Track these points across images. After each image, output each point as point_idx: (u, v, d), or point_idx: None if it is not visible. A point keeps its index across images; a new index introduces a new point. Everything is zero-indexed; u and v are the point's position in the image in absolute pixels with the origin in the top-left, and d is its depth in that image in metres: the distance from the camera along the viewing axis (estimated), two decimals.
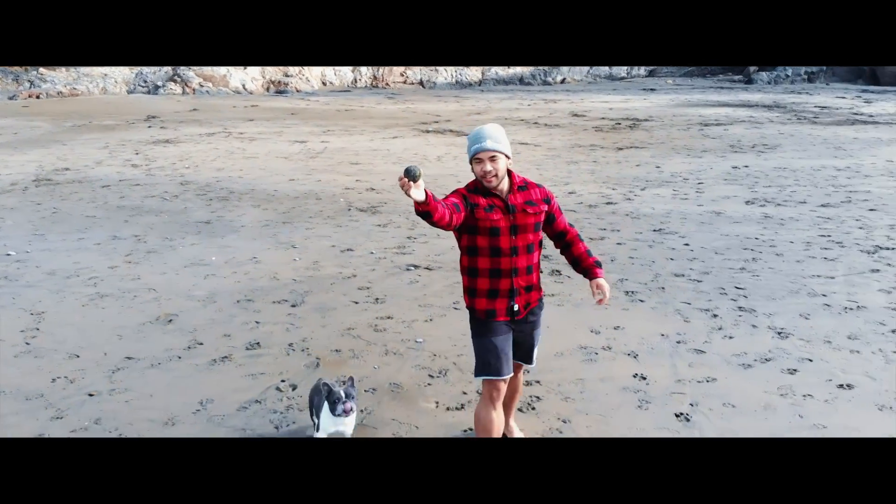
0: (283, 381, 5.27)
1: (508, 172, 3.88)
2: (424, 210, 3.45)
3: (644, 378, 5.26)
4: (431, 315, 6.57)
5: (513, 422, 4.54)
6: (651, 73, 37.44)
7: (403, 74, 33.63)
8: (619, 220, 10.01)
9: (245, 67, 30.03)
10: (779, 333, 6.10)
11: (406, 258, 8.32)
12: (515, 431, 4.52)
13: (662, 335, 6.07)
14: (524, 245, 3.85)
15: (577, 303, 6.79)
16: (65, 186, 12.06)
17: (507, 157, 3.83)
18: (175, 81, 28.91)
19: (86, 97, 26.80)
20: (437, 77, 33.90)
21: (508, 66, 34.13)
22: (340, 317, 6.54)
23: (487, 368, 3.92)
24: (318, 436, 4.11)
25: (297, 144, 17.06)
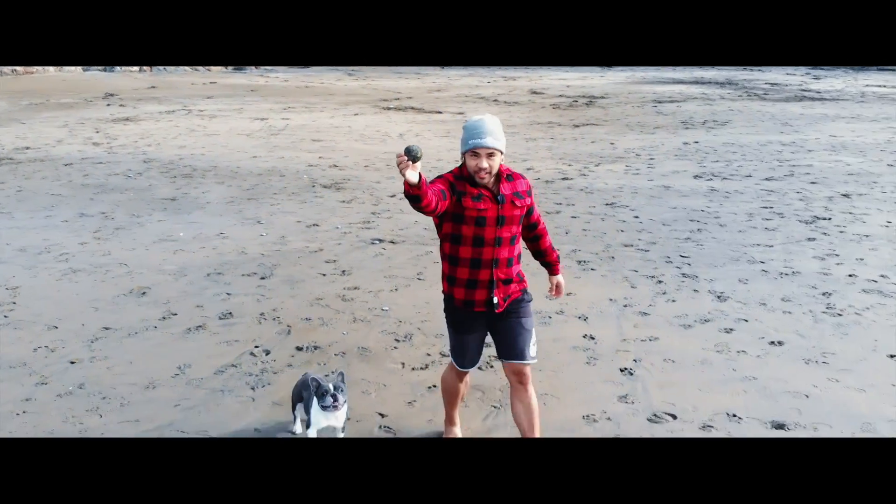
0: (257, 347, 5.58)
1: None
2: (415, 194, 3.34)
3: (593, 338, 5.70)
4: (396, 285, 6.92)
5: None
6: None
7: None
8: (574, 195, 10.44)
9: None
10: (718, 297, 6.59)
11: (371, 232, 8.64)
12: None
13: (611, 300, 6.52)
14: (508, 237, 3.78)
15: (534, 272, 7.17)
16: (27, 165, 12.08)
17: (502, 154, 3.74)
18: None
19: (41, 75, 26.38)
20: None
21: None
22: (309, 288, 6.85)
23: (455, 357, 4.02)
24: (310, 432, 4.07)
25: (258, 121, 17.17)
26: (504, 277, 3.83)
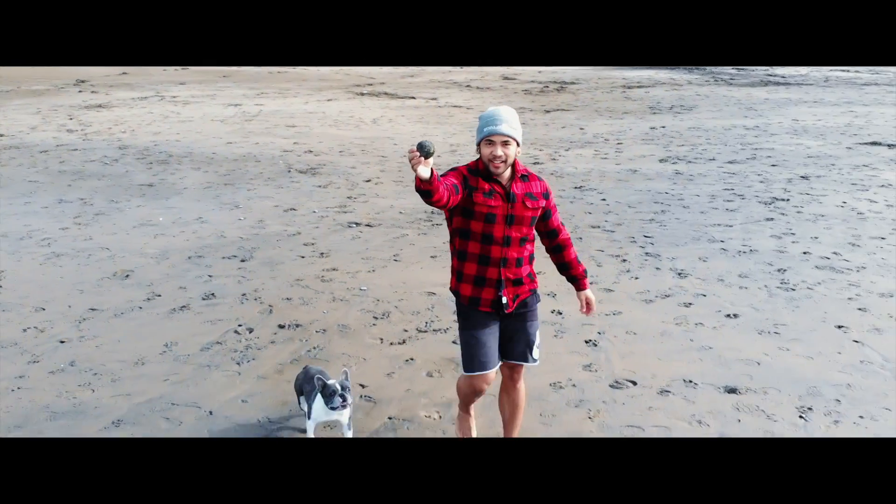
0: (241, 326, 5.82)
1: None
2: (426, 189, 3.28)
3: (560, 313, 6.02)
4: (374, 266, 7.18)
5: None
6: None
7: None
8: (545, 179, 10.74)
9: None
10: (679, 274, 6.94)
11: (347, 216, 8.88)
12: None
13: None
14: (518, 237, 3.70)
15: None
16: (2, 152, 12.13)
17: (518, 145, 3.66)
18: None
19: None
20: None
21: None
22: (288, 270, 7.09)
23: (472, 363, 3.80)
24: (309, 426, 4.12)
25: (232, 107, 17.26)
26: (513, 278, 3.75)
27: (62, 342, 5.53)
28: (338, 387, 3.94)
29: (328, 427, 4.39)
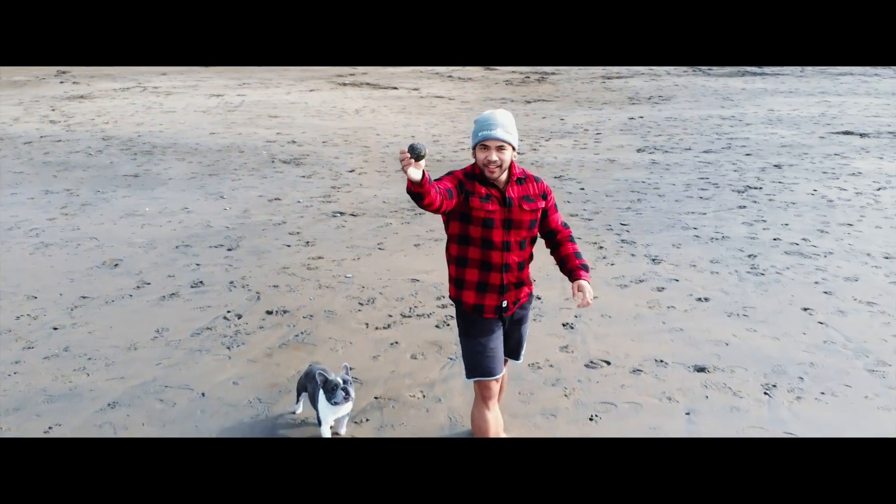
0: (229, 312, 6.00)
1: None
2: (417, 191, 3.25)
3: (539, 298, 6.24)
4: (358, 255, 7.38)
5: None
6: None
7: None
8: (525, 169, 10.95)
9: None
10: (653, 260, 7.19)
11: (332, 206, 9.06)
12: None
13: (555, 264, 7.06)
14: (517, 241, 3.67)
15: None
16: None
17: (514, 149, 3.63)
18: None
19: None
20: None
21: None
22: (275, 258, 7.27)
23: (478, 369, 3.76)
24: (323, 430, 4.13)
25: (214, 98, 17.32)
26: (515, 281, 3.74)
27: (55, 329, 5.69)
28: (339, 381, 4.02)
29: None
